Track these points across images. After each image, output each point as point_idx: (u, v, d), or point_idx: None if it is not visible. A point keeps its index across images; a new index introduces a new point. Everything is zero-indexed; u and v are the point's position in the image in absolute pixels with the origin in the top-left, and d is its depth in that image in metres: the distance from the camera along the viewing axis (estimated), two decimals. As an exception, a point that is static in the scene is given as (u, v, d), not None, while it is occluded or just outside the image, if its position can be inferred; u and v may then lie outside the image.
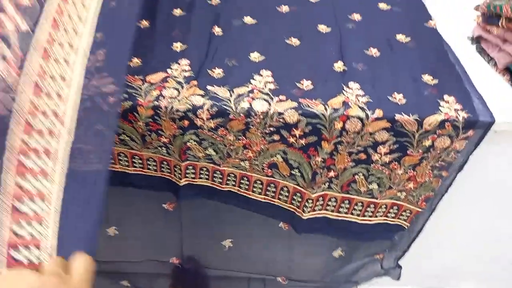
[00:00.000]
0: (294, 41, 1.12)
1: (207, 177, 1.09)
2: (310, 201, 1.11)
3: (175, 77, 0.98)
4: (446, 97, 0.96)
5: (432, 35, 1.17)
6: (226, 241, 1.40)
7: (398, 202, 1.14)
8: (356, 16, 1.23)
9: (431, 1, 1.29)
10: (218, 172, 1.07)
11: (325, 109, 0.92)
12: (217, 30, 1.15)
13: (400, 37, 1.15)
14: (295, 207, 1.15)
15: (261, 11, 1.23)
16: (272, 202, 1.16)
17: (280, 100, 0.94)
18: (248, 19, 1.20)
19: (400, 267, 1.42)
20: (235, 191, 1.12)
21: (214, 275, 1.57)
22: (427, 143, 0.95)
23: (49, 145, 0.71)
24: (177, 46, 1.09)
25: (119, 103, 0.84)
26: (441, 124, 0.91)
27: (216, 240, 1.40)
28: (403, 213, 1.18)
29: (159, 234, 1.38)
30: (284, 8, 1.25)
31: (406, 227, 1.22)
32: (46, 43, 0.78)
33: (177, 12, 1.20)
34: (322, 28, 1.18)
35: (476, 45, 1.12)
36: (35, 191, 0.67)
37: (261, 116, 0.93)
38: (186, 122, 0.95)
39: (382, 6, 1.28)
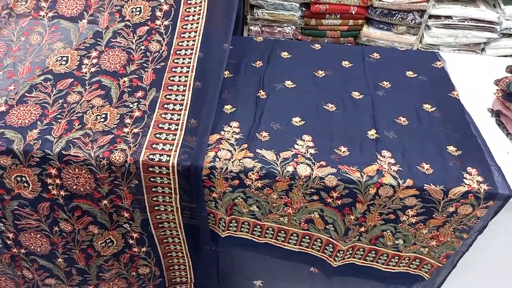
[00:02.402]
0: (331, 107, 1.26)
1: (247, 230, 1.21)
2: (341, 251, 1.21)
3: (227, 139, 1.12)
4: (469, 169, 1.07)
5: (455, 105, 1.29)
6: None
7: (421, 256, 1.24)
8: (386, 84, 1.36)
9: (454, 71, 1.42)
10: (258, 226, 1.19)
11: (361, 176, 1.04)
12: (262, 93, 1.29)
13: (426, 107, 1.27)
14: (327, 256, 1.25)
15: (300, 75, 1.37)
16: (305, 251, 1.26)
17: (321, 166, 1.06)
18: (288, 83, 1.34)
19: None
20: (272, 243, 1.23)
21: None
22: (451, 209, 1.06)
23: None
24: (228, 108, 1.22)
25: None
26: (465, 195, 1.03)
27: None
28: (425, 266, 1.27)
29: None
30: (321, 73, 1.39)
31: (427, 278, 1.31)
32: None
33: (225, 73, 1.35)
34: (355, 94, 1.31)
35: (496, 119, 1.24)
36: None
37: (304, 179, 1.05)
38: (237, 182, 1.07)
39: (409, 73, 1.41)
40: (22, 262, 1.29)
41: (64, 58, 1.29)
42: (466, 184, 1.03)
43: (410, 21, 2.32)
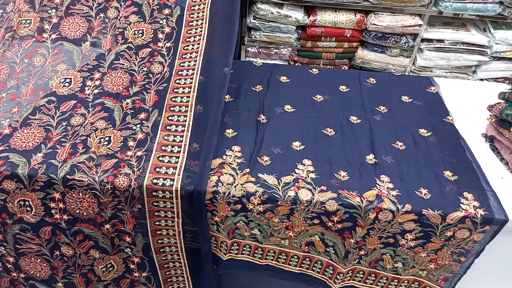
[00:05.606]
0: (330, 131, 1.28)
1: (248, 253, 1.22)
2: (341, 274, 1.23)
3: (230, 163, 1.13)
4: (465, 193, 1.10)
5: (450, 130, 1.33)
6: None
7: (419, 279, 1.25)
8: (383, 108, 1.39)
9: (448, 96, 1.46)
10: (259, 249, 1.20)
11: (361, 201, 1.06)
12: (262, 118, 1.31)
13: (422, 131, 1.31)
14: (327, 278, 1.26)
15: (299, 99, 1.40)
16: (305, 273, 1.27)
17: (322, 190, 1.08)
18: (288, 107, 1.37)
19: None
20: (273, 264, 1.24)
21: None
22: (449, 233, 1.09)
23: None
24: (229, 132, 1.24)
25: None
26: (462, 219, 1.05)
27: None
28: (423, 288, 1.29)
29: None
30: (319, 97, 1.42)
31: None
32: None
33: (226, 97, 1.37)
34: (353, 119, 1.34)
35: (490, 144, 1.28)
36: None
37: (305, 204, 1.07)
38: (239, 206, 1.09)
39: (404, 98, 1.45)
40: (21, 286, 1.28)
41: (67, 80, 1.30)
42: (463, 209, 1.06)
43: (403, 44, 2.38)
